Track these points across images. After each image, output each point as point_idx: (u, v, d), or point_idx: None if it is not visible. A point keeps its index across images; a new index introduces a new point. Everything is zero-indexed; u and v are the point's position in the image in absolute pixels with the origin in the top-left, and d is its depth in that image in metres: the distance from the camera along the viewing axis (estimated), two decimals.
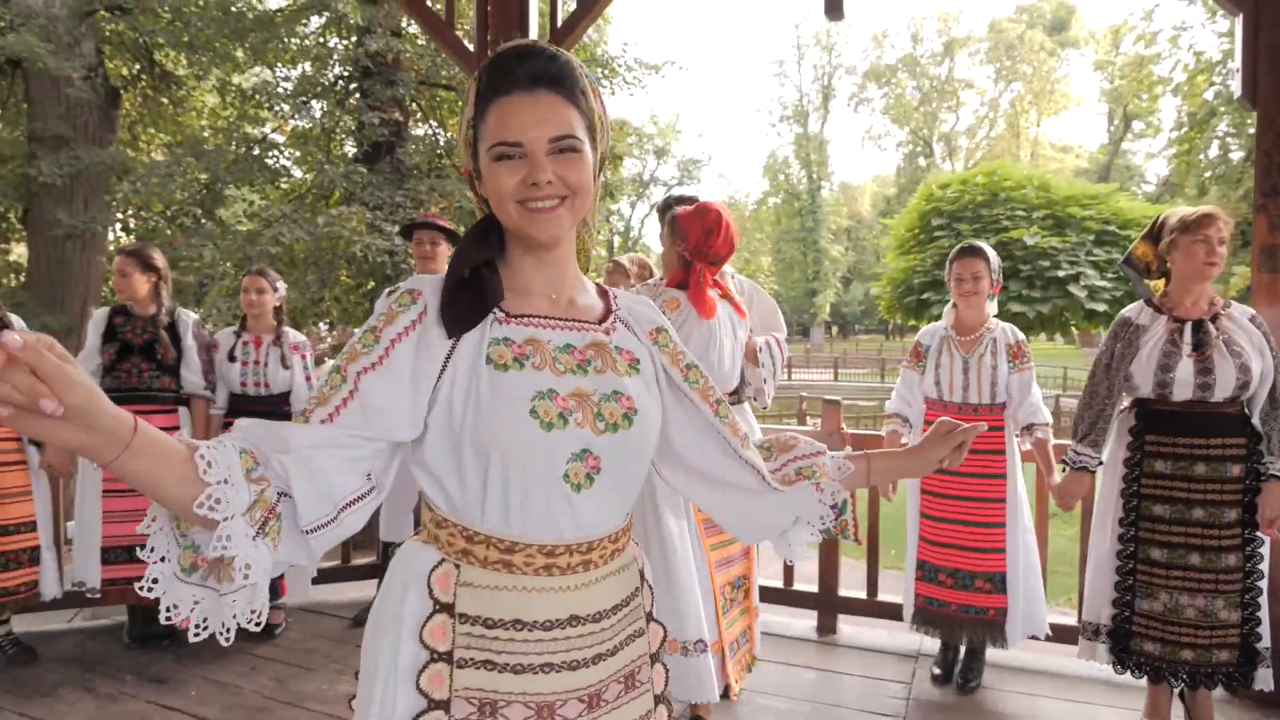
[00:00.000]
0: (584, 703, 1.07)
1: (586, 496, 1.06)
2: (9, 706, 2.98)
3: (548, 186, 1.01)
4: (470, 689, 1.03)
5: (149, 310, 3.54)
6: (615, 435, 1.07)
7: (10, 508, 3.22)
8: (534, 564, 1.04)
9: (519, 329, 1.07)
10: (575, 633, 1.07)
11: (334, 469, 0.97)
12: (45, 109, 7.09)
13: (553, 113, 1.02)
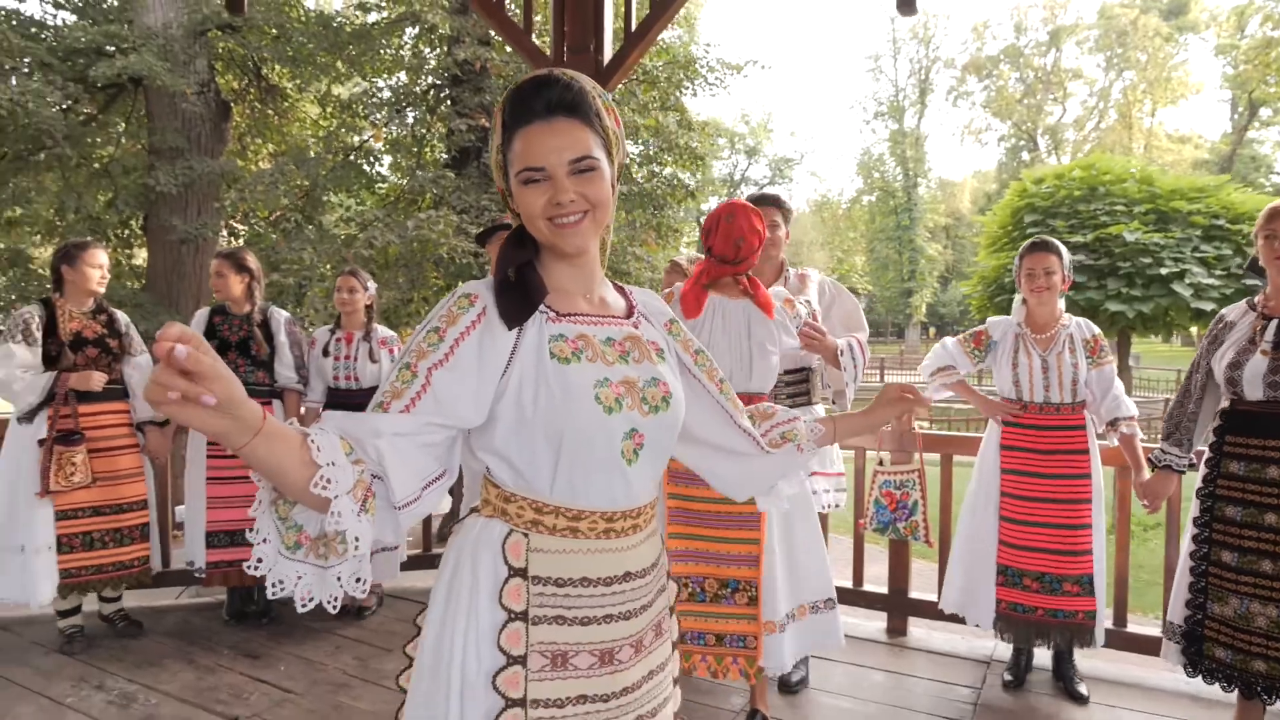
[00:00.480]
0: (633, 648, 1.24)
1: (635, 469, 1.21)
2: (119, 674, 3.24)
3: (570, 204, 1.14)
4: (544, 643, 1.17)
5: (244, 309, 3.78)
6: (657, 416, 1.22)
7: (125, 488, 3.49)
8: (596, 529, 1.20)
9: (570, 326, 1.20)
10: (628, 586, 1.23)
11: (415, 453, 1.10)
12: (163, 123, 7.60)
13: (570, 138, 1.14)
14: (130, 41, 7.13)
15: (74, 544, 3.38)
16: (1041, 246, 3.11)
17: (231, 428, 0.91)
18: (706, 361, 1.39)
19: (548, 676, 1.17)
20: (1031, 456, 3.10)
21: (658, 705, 1.29)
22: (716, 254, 2.59)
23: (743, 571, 2.57)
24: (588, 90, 1.17)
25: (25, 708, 2.95)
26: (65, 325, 3.40)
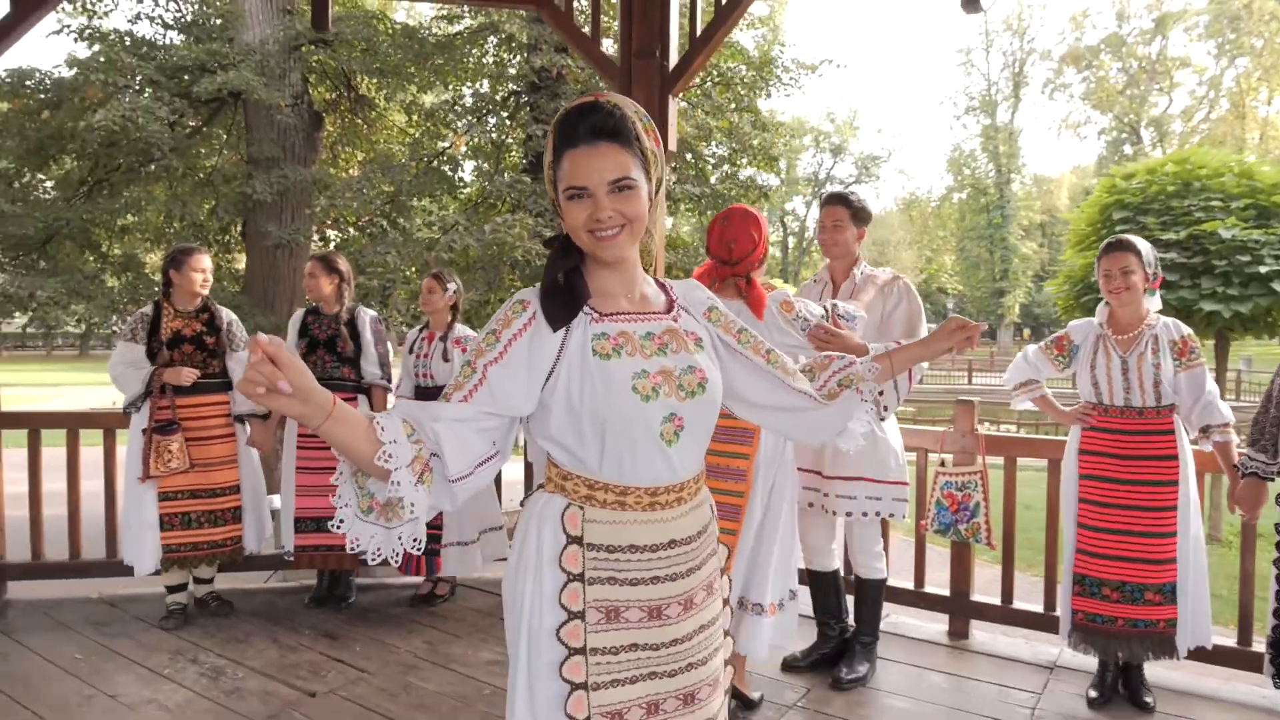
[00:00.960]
0: (682, 605, 1.39)
1: (676, 449, 1.36)
2: (211, 649, 3.49)
3: (609, 220, 1.29)
4: (599, 600, 1.35)
5: (333, 309, 4.00)
6: (694, 400, 1.37)
7: (219, 474, 3.75)
8: (641, 503, 1.36)
9: (611, 325, 1.36)
10: (674, 553, 1.39)
11: (470, 436, 1.29)
12: (260, 134, 8.05)
13: (611, 160, 1.29)
14: (230, 58, 7.58)
15: (174, 522, 3.66)
16: (1118, 246, 3.00)
17: (306, 411, 1.13)
18: (751, 338, 1.51)
19: (603, 628, 1.35)
20: (1111, 461, 2.99)
21: (709, 654, 1.44)
22: (713, 255, 2.75)
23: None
24: (629, 115, 1.31)
25: (125, 676, 3.21)
26: (167, 325, 3.68)
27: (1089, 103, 50.92)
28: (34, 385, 21.15)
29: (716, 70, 8.69)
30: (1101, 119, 50.97)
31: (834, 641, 3.36)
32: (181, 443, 3.61)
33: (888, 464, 3.10)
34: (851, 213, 3.13)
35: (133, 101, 7.09)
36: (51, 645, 3.48)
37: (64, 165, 8.57)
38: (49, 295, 7.24)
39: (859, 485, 3.11)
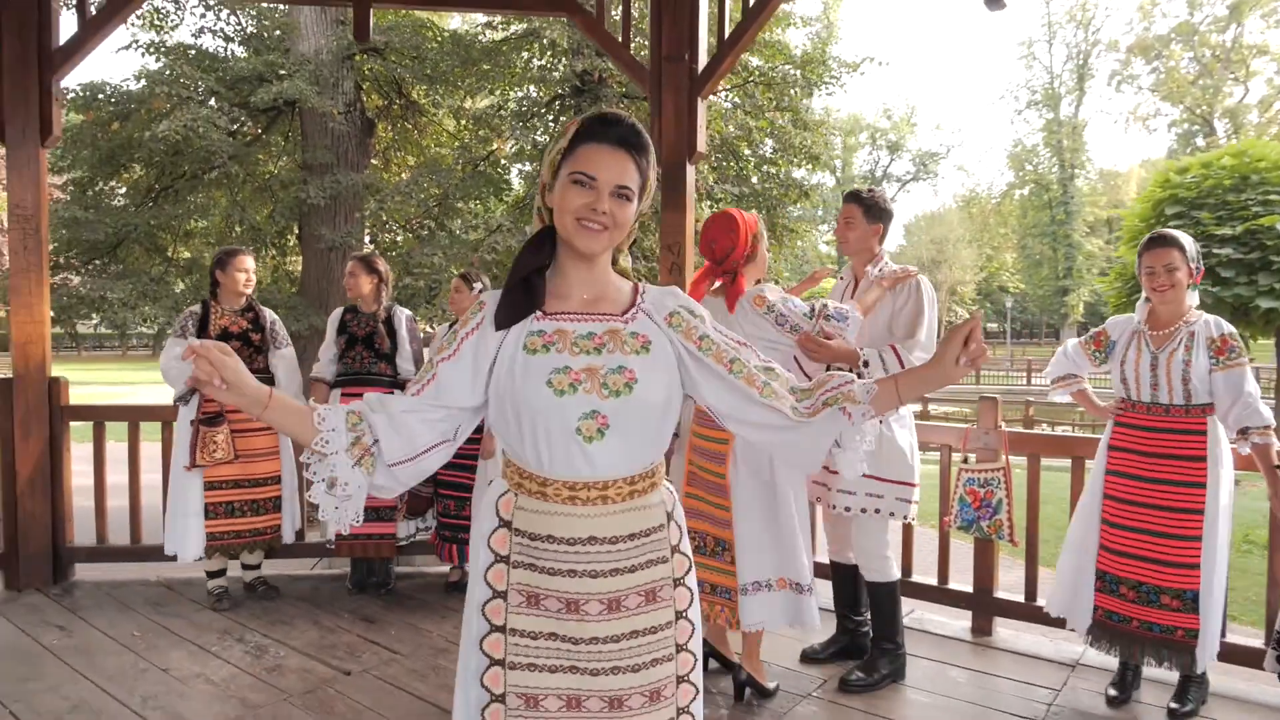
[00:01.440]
0: (604, 604, 1.39)
1: (599, 447, 1.37)
2: (256, 629, 3.69)
3: (601, 216, 1.37)
4: (520, 583, 1.40)
5: (371, 307, 4.19)
6: (618, 399, 1.37)
7: (260, 465, 3.96)
8: (560, 495, 1.39)
9: (550, 323, 1.43)
10: (594, 550, 1.39)
11: (417, 426, 1.40)
12: (314, 140, 8.35)
13: (623, 167, 1.38)
14: (286, 68, 7.89)
15: (218, 511, 3.87)
16: (1161, 241, 2.91)
17: (242, 402, 1.32)
18: (712, 346, 1.46)
19: (524, 611, 1.40)
20: (1137, 458, 2.94)
21: (644, 663, 1.41)
22: (701, 255, 2.90)
23: (724, 533, 2.88)
24: (647, 142, 1.42)
25: (177, 652, 3.42)
26: (215, 322, 3.90)
27: (1158, 94, 49.20)
28: (108, 384, 22.12)
29: (759, 71, 8.72)
30: (1172, 111, 49.23)
31: (853, 636, 3.40)
32: (227, 434, 3.82)
33: (891, 462, 3.08)
34: (864, 209, 3.14)
35: (194, 112, 7.44)
36: (112, 622, 3.72)
37: (133, 173, 9.01)
38: (119, 297, 7.64)
39: (860, 481, 3.10)
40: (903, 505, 3.10)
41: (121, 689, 3.08)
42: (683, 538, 1.52)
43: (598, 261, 1.45)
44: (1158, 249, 2.91)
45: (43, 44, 4.11)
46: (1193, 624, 2.81)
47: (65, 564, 4.26)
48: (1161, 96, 48.90)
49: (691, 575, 1.51)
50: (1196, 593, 2.81)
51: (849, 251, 3.23)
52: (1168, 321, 2.92)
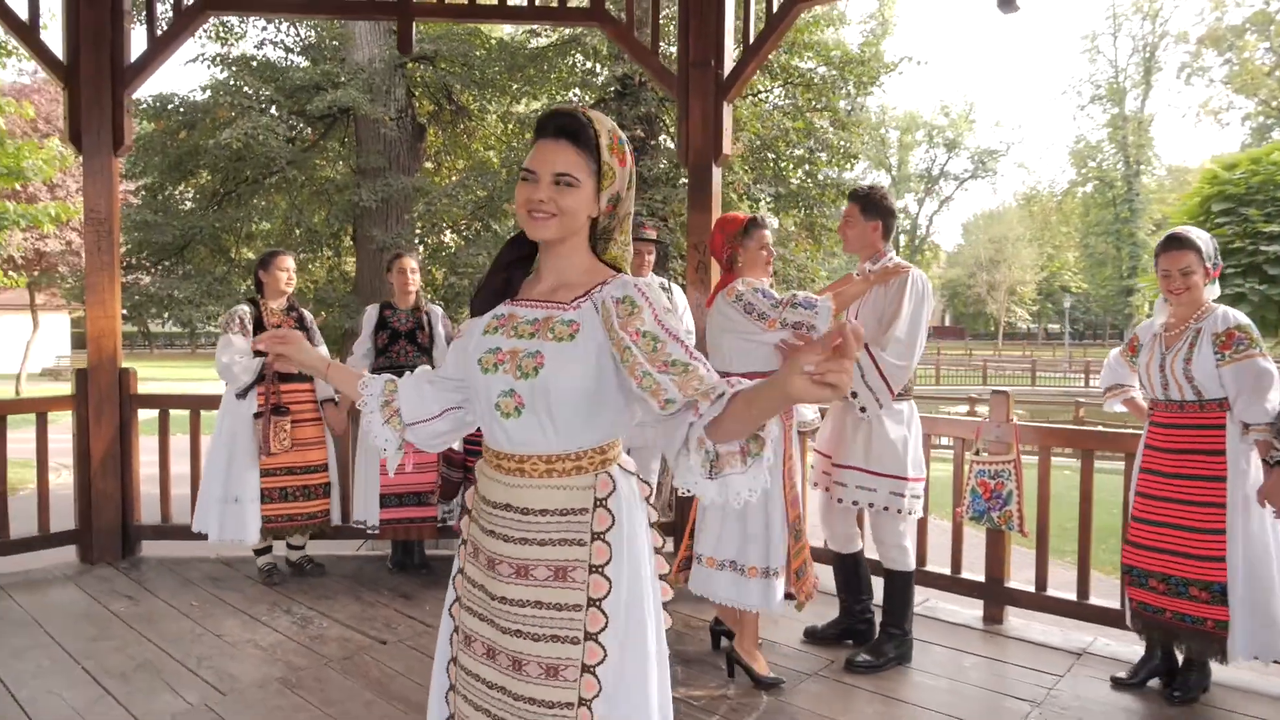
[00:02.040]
0: (514, 569, 1.49)
1: (514, 424, 1.48)
2: (303, 602, 3.97)
3: (542, 205, 1.45)
4: (469, 535, 1.62)
5: (409, 304, 4.45)
6: (527, 381, 1.45)
7: (310, 453, 4.24)
8: (491, 462, 1.56)
9: (508, 308, 1.57)
10: (509, 516, 1.51)
11: (431, 393, 1.69)
12: (368, 146, 8.71)
13: (561, 156, 1.45)
14: (342, 77, 8.26)
15: (273, 496, 4.16)
16: (1175, 243, 2.92)
17: (306, 366, 1.73)
18: (631, 357, 1.40)
19: (469, 558, 1.61)
20: (1162, 456, 2.99)
21: (546, 635, 1.46)
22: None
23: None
24: (594, 128, 1.46)
25: (231, 621, 3.72)
26: (269, 320, 4.19)
27: (1231, 87, 47.46)
28: (177, 379, 23.11)
29: (799, 72, 8.82)
30: (1246, 104, 47.47)
31: (856, 619, 3.52)
32: (289, 425, 4.11)
33: (883, 456, 3.17)
34: (861, 206, 3.24)
35: (255, 120, 7.85)
36: (173, 594, 4.04)
37: (199, 179, 9.51)
38: (186, 296, 8.09)
39: (849, 474, 3.24)
40: (896, 499, 3.17)
41: (180, 650, 3.37)
42: (614, 527, 1.49)
43: (562, 251, 1.53)
44: (1174, 251, 2.93)
45: (116, 60, 4.46)
46: (1222, 615, 2.84)
47: (133, 540, 4.61)
48: (1235, 89, 47.14)
49: (616, 567, 1.48)
50: (1224, 585, 2.83)
51: (851, 249, 3.34)
52: (1181, 320, 2.97)
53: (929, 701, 3.03)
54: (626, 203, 1.57)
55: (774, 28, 4.52)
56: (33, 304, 21.76)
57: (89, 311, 4.48)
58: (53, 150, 10.94)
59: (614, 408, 1.50)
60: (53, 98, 19.82)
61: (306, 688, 3.07)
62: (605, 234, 1.57)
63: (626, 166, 1.54)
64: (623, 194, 1.55)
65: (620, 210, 1.56)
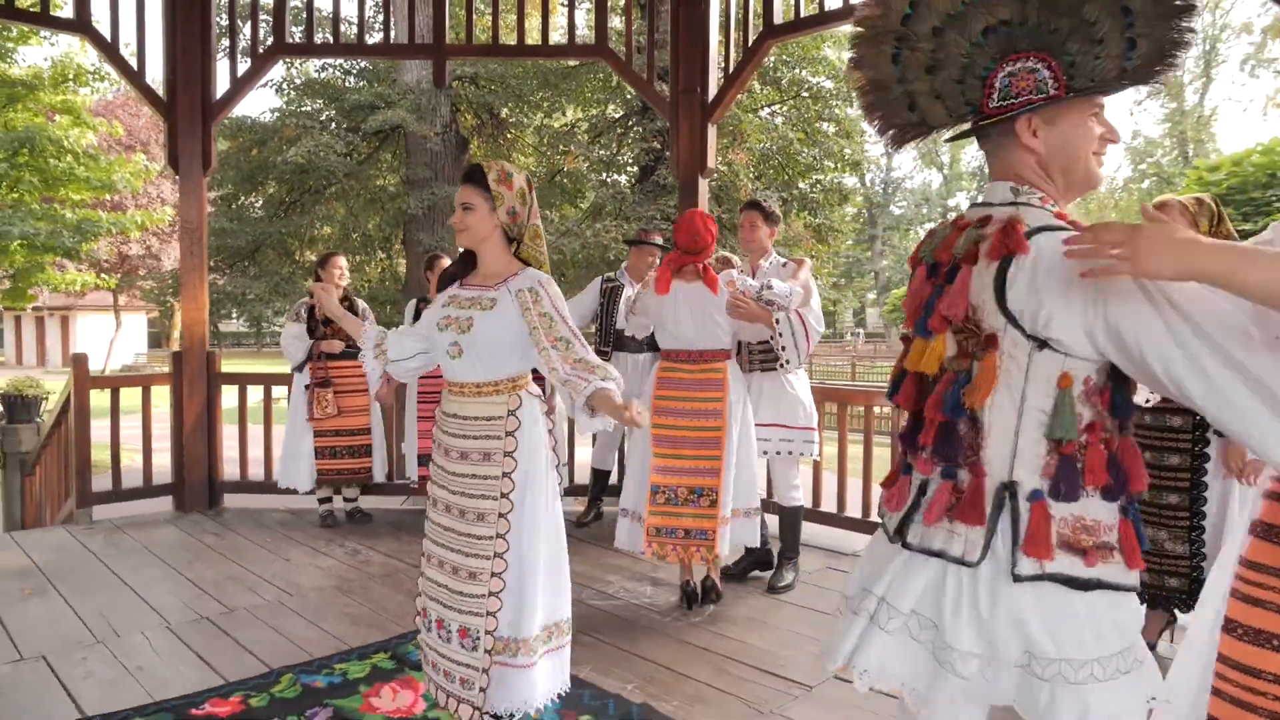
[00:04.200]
0: (459, 454, 2.31)
1: (458, 363, 2.32)
2: (354, 540, 4.86)
3: (455, 223, 2.31)
4: (436, 439, 2.42)
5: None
6: (465, 335, 2.28)
7: (357, 419, 5.14)
8: (450, 389, 2.38)
9: (458, 291, 2.41)
10: (455, 421, 2.34)
11: (409, 344, 2.49)
12: (416, 158, 9.68)
13: (465, 193, 2.30)
14: (392, 97, 9.24)
15: (325, 453, 5.07)
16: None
17: (329, 312, 2.54)
18: (537, 334, 2.26)
19: (436, 453, 2.41)
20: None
21: (476, 494, 2.27)
22: (680, 246, 3.57)
23: (708, 480, 3.52)
24: (484, 171, 2.28)
25: (296, 551, 4.63)
26: (321, 310, 5.11)
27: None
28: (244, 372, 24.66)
29: (806, 84, 9.53)
30: None
31: (758, 556, 4.14)
32: (333, 394, 5.03)
33: (796, 412, 3.90)
34: (763, 216, 3.94)
35: (317, 138, 8.87)
36: (251, 532, 4.98)
37: (268, 190, 10.60)
38: (256, 294, 9.15)
39: (773, 430, 3.90)
40: (809, 445, 3.92)
41: (257, 568, 4.30)
42: (520, 428, 2.29)
43: (484, 252, 2.35)
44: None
45: (205, 97, 5.43)
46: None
47: (218, 493, 5.58)
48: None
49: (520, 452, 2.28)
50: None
51: (751, 249, 4.01)
52: None
53: None
54: (525, 215, 2.36)
55: (749, 59, 5.30)
56: (116, 305, 23.45)
57: (183, 305, 5.46)
58: (139, 164, 12.21)
59: (520, 355, 2.33)
60: (133, 113, 21.42)
61: (354, 593, 3.96)
62: (517, 239, 2.38)
63: (514, 189, 2.30)
64: (517, 208, 2.32)
65: (521, 220, 2.34)
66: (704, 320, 3.56)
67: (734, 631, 3.50)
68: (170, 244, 22.99)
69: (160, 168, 13.29)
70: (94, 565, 4.34)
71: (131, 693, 2.89)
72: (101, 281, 14.02)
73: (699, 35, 5.38)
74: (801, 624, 3.60)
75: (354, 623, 3.57)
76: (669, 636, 3.44)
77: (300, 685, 2.92)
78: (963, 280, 1.39)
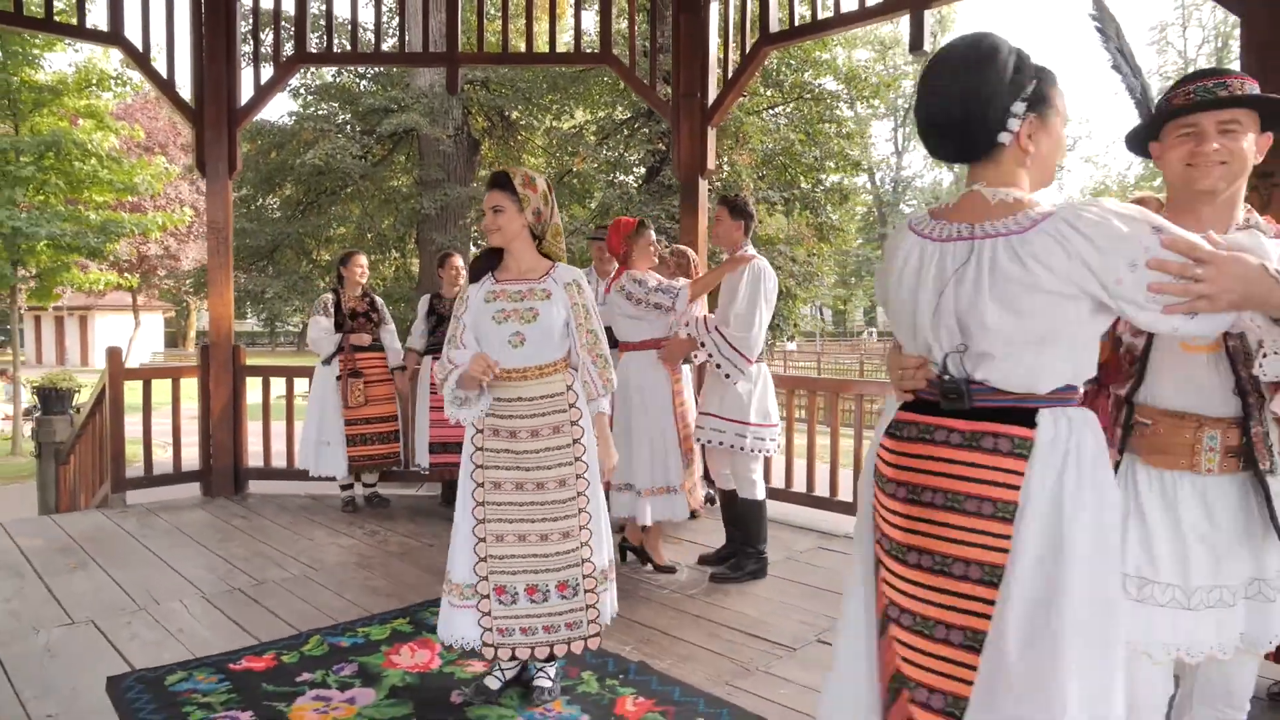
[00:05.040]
0: (530, 432, 2.62)
1: (522, 350, 2.61)
2: (373, 523, 5.15)
3: (488, 225, 2.62)
4: (483, 427, 2.66)
5: (454, 294, 5.59)
6: (528, 325, 2.60)
7: (381, 408, 5.42)
8: (504, 376, 2.60)
9: (497, 286, 2.67)
10: (520, 404, 2.63)
11: (466, 355, 2.64)
12: (429, 160, 9.98)
13: (495, 197, 2.61)
14: (405, 101, 9.54)
15: (355, 441, 5.36)
16: None
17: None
18: (576, 321, 2.66)
19: (488, 439, 2.63)
20: None
21: (554, 464, 2.61)
22: (613, 253, 4.11)
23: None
24: (511, 176, 2.60)
25: (319, 531, 4.92)
26: (346, 305, 5.39)
27: None
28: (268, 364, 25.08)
29: (807, 87, 9.77)
30: None
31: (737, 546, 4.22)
32: (362, 385, 5.31)
33: (732, 406, 3.95)
34: (729, 210, 4.05)
35: (333, 141, 9.18)
36: (275, 515, 5.28)
37: (285, 191, 10.93)
38: (275, 292, 9.47)
39: (706, 419, 4.05)
40: (739, 439, 3.94)
41: (282, 546, 4.59)
42: (578, 400, 2.66)
43: (514, 250, 2.66)
44: None
45: (230, 105, 5.73)
46: None
47: (243, 479, 5.88)
48: None
49: (584, 420, 2.67)
50: None
51: (718, 242, 4.16)
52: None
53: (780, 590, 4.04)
54: (548, 214, 2.68)
55: (746, 65, 5.55)
56: (135, 304, 23.89)
57: (210, 300, 5.76)
58: (159, 166, 12.56)
59: (565, 337, 2.68)
60: (152, 116, 21.83)
61: (374, 568, 4.24)
62: (540, 236, 2.68)
63: (538, 192, 2.63)
64: (541, 208, 2.64)
65: (545, 219, 2.66)
66: (625, 318, 4.00)
67: (727, 602, 3.76)
68: (187, 244, 23.43)
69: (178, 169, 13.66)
70: (130, 543, 4.64)
71: (174, 651, 3.18)
72: (124, 281, 14.40)
73: (699, 42, 5.63)
74: (791, 596, 3.85)
75: (374, 594, 3.85)
76: (666, 605, 3.71)
77: (327, 645, 3.21)
78: None
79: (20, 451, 12.48)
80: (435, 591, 3.74)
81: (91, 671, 2.98)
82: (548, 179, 2.77)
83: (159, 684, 2.86)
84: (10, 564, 4.24)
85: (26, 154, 11.46)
